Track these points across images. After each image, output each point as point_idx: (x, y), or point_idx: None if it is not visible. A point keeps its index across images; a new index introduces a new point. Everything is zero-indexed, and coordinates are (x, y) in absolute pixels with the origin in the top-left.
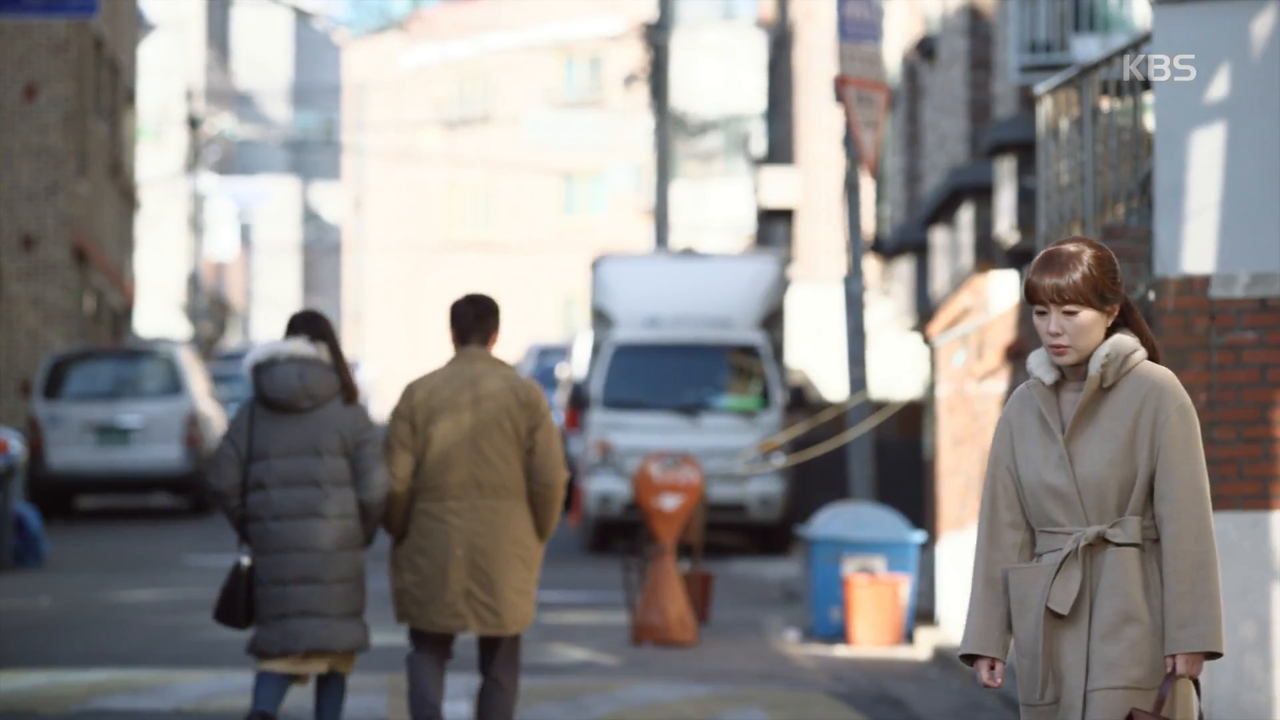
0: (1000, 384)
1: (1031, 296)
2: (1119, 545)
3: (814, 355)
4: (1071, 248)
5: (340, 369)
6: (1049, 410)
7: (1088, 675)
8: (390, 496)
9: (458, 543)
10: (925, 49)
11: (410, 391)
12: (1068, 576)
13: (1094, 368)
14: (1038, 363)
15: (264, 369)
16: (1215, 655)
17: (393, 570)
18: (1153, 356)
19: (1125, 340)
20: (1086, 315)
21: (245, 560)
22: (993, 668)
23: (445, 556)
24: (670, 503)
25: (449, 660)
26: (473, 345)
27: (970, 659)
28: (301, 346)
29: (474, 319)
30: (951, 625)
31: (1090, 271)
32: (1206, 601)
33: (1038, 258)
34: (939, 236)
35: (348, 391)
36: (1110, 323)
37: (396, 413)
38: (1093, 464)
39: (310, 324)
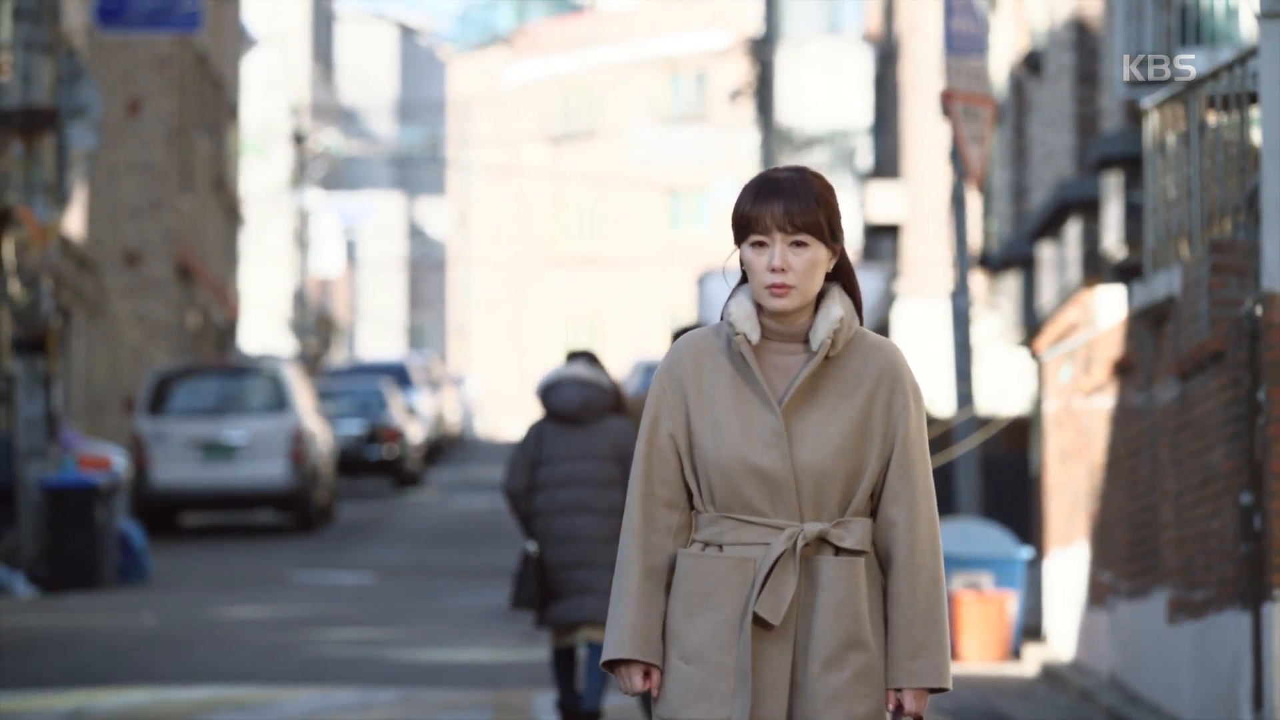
0: (1108, 399)
1: (749, 227)
2: (844, 552)
3: (920, 370)
4: (793, 174)
5: (612, 389)
6: (757, 373)
7: (800, 704)
8: None
9: None
10: (1032, 63)
11: None
12: (781, 581)
13: (823, 333)
14: (743, 314)
15: (551, 389)
16: (941, 690)
17: None
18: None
19: (849, 303)
20: (817, 252)
21: (532, 548)
22: (647, 675)
23: None
24: None
25: None
26: None
27: (614, 663)
28: (582, 370)
29: None
30: (1060, 641)
31: (824, 198)
32: (940, 628)
33: (753, 184)
34: (1046, 251)
35: (619, 407)
36: (829, 270)
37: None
38: (816, 449)
39: (586, 354)
